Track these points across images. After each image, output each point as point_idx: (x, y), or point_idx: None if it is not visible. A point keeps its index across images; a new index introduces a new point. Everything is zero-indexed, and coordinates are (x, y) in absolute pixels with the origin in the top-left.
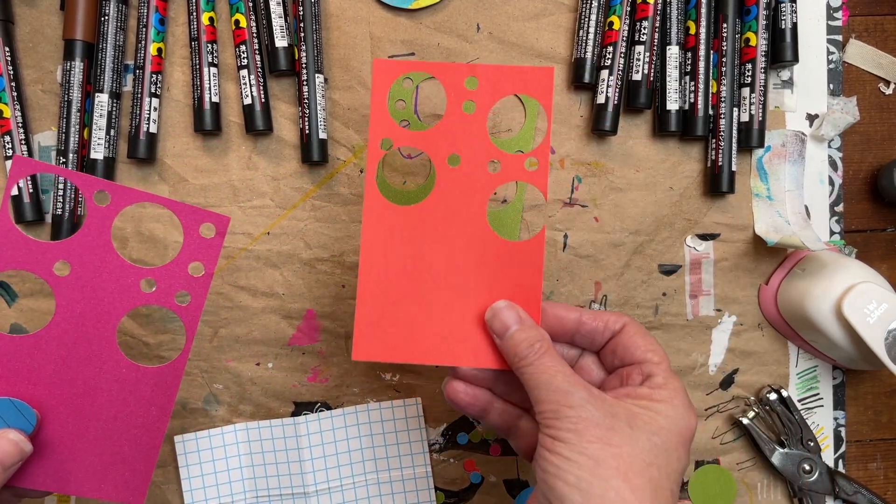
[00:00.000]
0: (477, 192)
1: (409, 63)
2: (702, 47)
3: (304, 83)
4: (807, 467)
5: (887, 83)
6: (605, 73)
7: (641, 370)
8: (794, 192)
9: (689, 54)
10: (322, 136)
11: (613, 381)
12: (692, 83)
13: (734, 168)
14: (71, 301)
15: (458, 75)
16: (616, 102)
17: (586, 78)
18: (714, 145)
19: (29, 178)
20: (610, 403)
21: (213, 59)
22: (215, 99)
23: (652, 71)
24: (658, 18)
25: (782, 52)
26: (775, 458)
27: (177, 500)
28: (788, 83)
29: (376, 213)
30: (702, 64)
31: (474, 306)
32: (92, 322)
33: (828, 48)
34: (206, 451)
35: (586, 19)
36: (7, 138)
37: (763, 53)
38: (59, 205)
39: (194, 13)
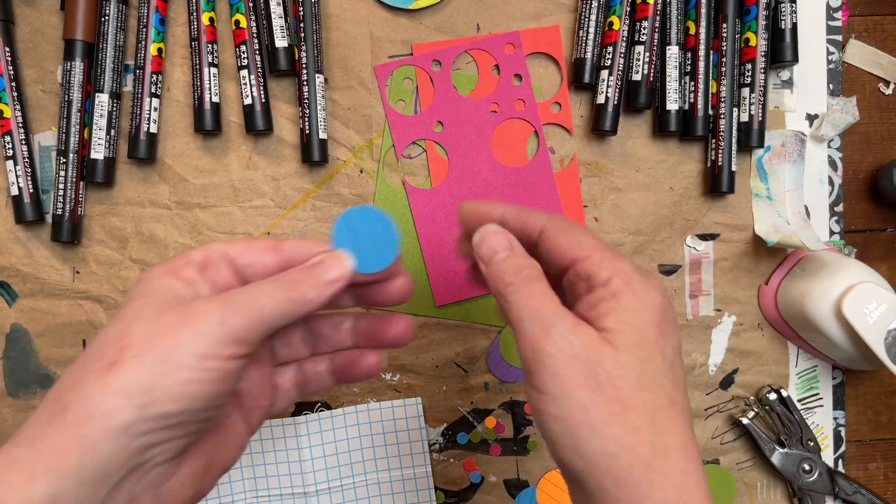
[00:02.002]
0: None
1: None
2: (702, 47)
3: (304, 83)
4: (807, 467)
5: (887, 83)
6: (604, 74)
7: (577, 273)
8: (794, 192)
9: (689, 54)
10: (322, 136)
11: (570, 301)
12: (692, 83)
13: (734, 168)
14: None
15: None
16: (616, 102)
17: (586, 78)
18: (714, 145)
19: (29, 177)
20: (587, 331)
21: (213, 60)
22: (215, 99)
23: (652, 71)
24: (658, 18)
25: (782, 52)
26: (775, 458)
27: None
28: (788, 83)
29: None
30: (702, 64)
31: None
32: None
33: (827, 48)
34: None
35: (586, 19)
36: (7, 138)
37: (763, 53)
38: (59, 204)
39: (194, 13)
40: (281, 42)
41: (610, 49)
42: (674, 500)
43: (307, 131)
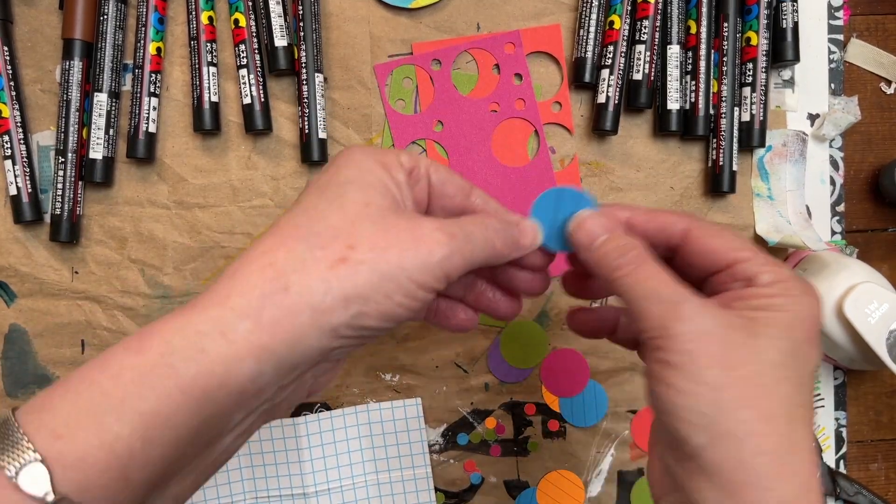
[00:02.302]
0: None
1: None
2: (703, 47)
3: (304, 83)
4: None
5: (888, 83)
6: (605, 73)
7: (734, 275)
8: (796, 191)
9: (690, 54)
10: (322, 135)
11: (709, 290)
12: (693, 83)
13: (735, 168)
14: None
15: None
16: (617, 102)
17: (587, 77)
18: (715, 145)
19: (27, 177)
20: (723, 312)
21: (212, 59)
22: (214, 98)
23: (653, 70)
24: (659, 17)
25: (783, 51)
26: None
27: None
28: (789, 83)
29: None
30: (703, 63)
31: None
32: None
33: (829, 47)
34: None
35: (587, 18)
36: (6, 138)
37: (764, 53)
38: (58, 204)
39: (193, 12)
40: (280, 41)
41: (610, 48)
42: (797, 498)
43: (307, 131)
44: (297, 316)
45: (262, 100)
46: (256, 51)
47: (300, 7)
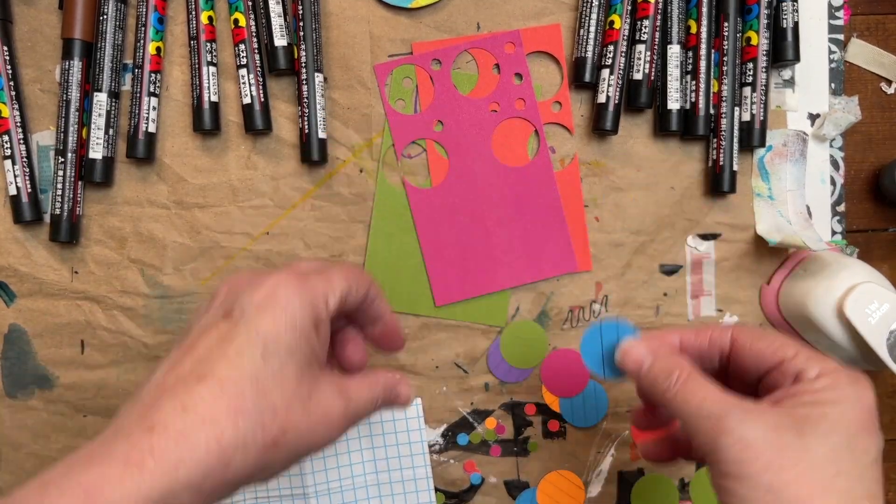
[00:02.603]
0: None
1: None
2: (703, 46)
3: (304, 82)
4: None
5: (889, 82)
6: (605, 73)
7: (783, 373)
8: (796, 191)
9: (691, 53)
10: (321, 135)
11: (764, 389)
12: (693, 82)
13: (735, 168)
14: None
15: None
16: (617, 102)
17: (587, 77)
18: (715, 145)
19: (27, 177)
20: (771, 414)
21: (212, 59)
22: (214, 98)
23: (653, 70)
24: (659, 17)
25: (784, 51)
26: None
27: None
28: (790, 82)
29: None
30: (703, 63)
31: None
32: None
33: (829, 47)
34: None
35: (587, 18)
36: (6, 138)
37: (764, 52)
38: (58, 204)
39: (193, 12)
40: (280, 41)
41: (611, 48)
42: None
43: (306, 131)
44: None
45: (262, 100)
46: (256, 50)
47: (300, 7)
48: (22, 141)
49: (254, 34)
